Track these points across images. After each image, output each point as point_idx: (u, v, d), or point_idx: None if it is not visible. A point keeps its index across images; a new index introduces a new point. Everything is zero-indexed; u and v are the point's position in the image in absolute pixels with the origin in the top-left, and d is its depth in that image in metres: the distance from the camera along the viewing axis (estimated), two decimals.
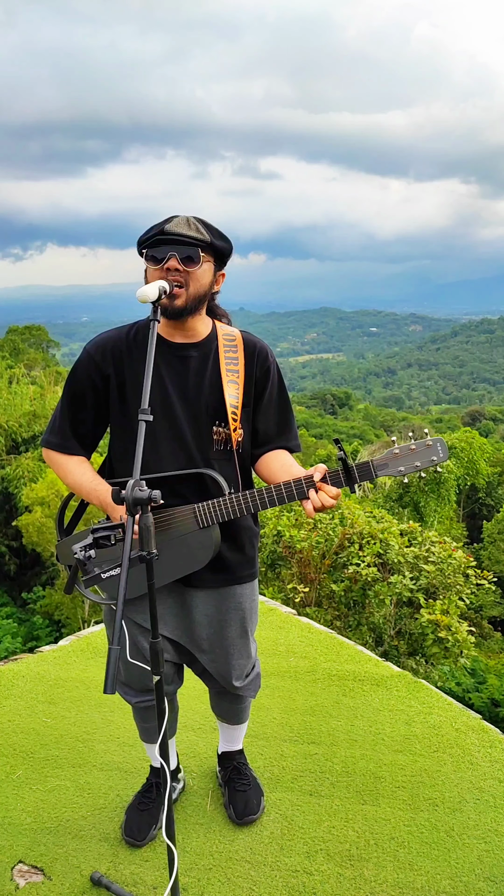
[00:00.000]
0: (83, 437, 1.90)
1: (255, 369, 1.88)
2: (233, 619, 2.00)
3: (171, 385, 1.82)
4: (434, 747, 2.69)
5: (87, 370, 1.83)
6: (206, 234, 1.72)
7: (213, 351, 1.85)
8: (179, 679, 2.15)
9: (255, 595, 2.08)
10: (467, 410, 70.02)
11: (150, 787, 2.29)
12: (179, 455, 1.83)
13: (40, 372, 34.69)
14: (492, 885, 2.06)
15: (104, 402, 1.85)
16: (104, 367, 1.82)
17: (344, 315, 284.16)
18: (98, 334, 1.88)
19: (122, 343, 1.82)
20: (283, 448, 1.97)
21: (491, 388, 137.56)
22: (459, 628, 5.09)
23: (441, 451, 1.66)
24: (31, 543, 18.64)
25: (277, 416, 1.95)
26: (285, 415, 1.97)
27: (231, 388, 1.82)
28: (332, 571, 5.85)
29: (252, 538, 2.01)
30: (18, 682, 3.15)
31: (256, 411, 1.91)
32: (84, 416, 1.87)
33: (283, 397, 1.96)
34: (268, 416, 1.93)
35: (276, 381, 1.94)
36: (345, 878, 2.07)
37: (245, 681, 2.12)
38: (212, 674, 2.07)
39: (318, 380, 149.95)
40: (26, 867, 2.11)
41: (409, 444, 1.68)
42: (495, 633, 19.32)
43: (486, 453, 28.73)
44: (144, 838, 2.18)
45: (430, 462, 1.66)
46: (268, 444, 1.95)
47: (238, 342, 1.87)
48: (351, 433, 52.18)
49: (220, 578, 1.96)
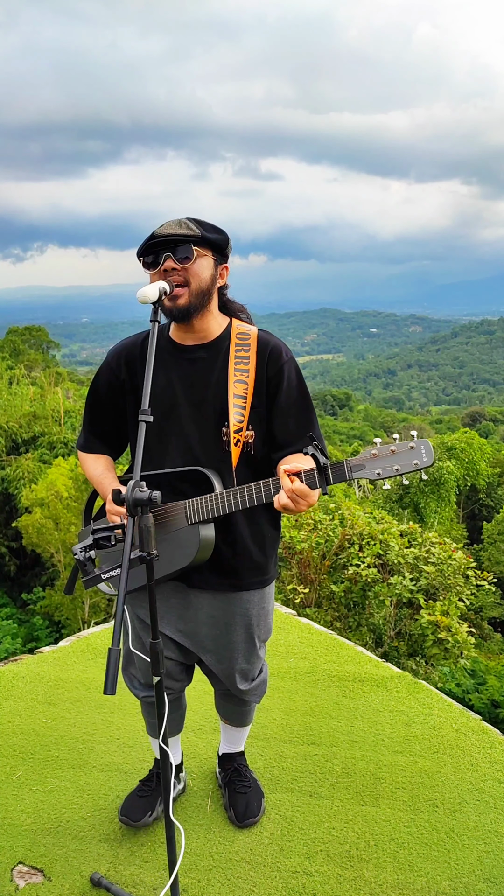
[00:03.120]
0: (105, 439, 2.01)
1: (267, 369, 1.83)
2: (238, 624, 1.98)
3: (180, 387, 1.83)
4: (434, 748, 2.69)
5: (107, 376, 1.93)
6: (196, 230, 1.73)
7: (224, 351, 1.84)
8: (188, 677, 2.14)
9: (265, 602, 2.02)
10: (467, 411, 70.03)
11: (152, 776, 2.32)
12: (187, 456, 1.84)
13: (40, 373, 34.71)
14: (492, 886, 2.06)
15: (122, 407, 1.94)
16: (119, 374, 1.90)
17: (344, 316, 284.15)
18: (119, 341, 1.96)
19: (136, 349, 1.89)
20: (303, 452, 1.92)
21: (491, 388, 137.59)
22: (459, 629, 5.09)
23: (425, 455, 1.49)
24: (30, 544, 18.62)
25: (296, 418, 1.85)
26: (306, 417, 1.87)
27: (238, 388, 1.80)
28: (332, 572, 5.85)
29: (263, 543, 1.95)
30: (18, 682, 3.15)
31: (272, 413, 1.85)
32: (104, 420, 1.99)
33: (303, 398, 1.87)
34: (285, 418, 1.84)
35: (295, 381, 1.86)
36: (345, 880, 2.07)
37: (250, 685, 2.11)
38: (216, 674, 2.07)
39: (318, 381, 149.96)
40: (26, 868, 2.11)
41: (389, 445, 1.52)
42: (495, 634, 19.31)
43: (486, 454, 28.74)
44: (139, 820, 2.20)
45: (413, 467, 1.49)
46: (288, 448, 1.85)
47: (252, 341, 1.84)
48: (351, 434, 52.20)
49: (224, 582, 1.93)
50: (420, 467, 1.49)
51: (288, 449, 1.87)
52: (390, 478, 1.52)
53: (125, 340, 1.94)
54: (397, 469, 1.51)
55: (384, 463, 1.52)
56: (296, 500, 1.57)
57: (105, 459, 2.01)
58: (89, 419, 2.01)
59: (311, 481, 1.57)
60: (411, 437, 1.52)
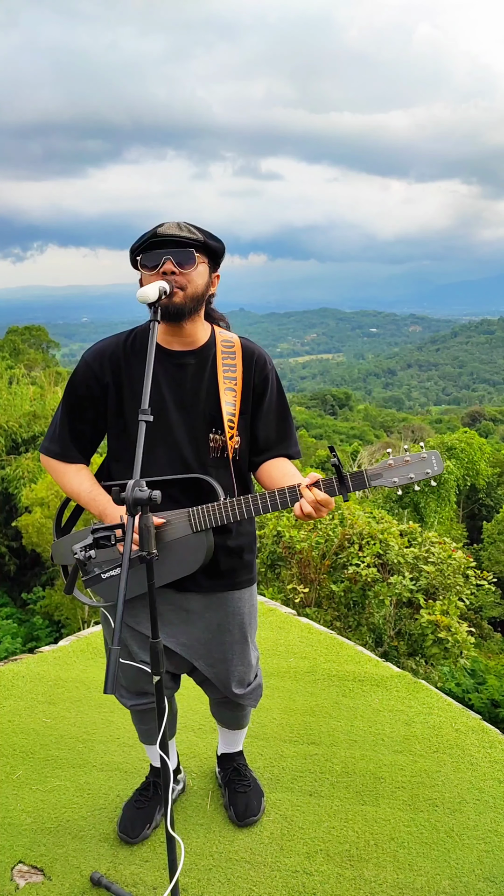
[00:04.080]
0: (83, 445, 1.92)
1: (254, 377, 1.87)
2: (231, 624, 1.99)
3: (168, 393, 1.82)
4: (434, 748, 2.69)
5: (86, 380, 1.84)
6: (198, 235, 1.72)
7: (211, 358, 1.84)
8: (175, 684, 2.14)
9: (253, 600, 2.07)
10: (467, 411, 70.03)
11: (149, 785, 2.30)
12: (175, 463, 1.83)
13: (40, 372, 34.71)
14: (491, 885, 2.06)
15: (103, 411, 1.86)
16: (102, 377, 1.83)
17: (344, 316, 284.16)
18: (95, 343, 1.89)
19: (120, 350, 1.83)
20: (283, 455, 1.96)
21: (491, 388, 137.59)
22: (459, 629, 5.09)
23: (436, 464, 1.66)
24: (30, 544, 18.63)
25: (277, 424, 1.94)
26: (285, 422, 1.96)
27: (228, 395, 1.82)
28: (332, 572, 5.85)
29: (250, 543, 2.00)
30: (18, 682, 3.15)
31: (255, 419, 1.90)
32: (83, 425, 1.89)
33: (283, 404, 1.96)
34: (267, 424, 1.92)
35: (275, 388, 1.93)
36: (344, 879, 2.07)
37: (246, 689, 2.10)
38: (212, 681, 2.06)
39: (318, 380, 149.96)
40: (26, 867, 2.11)
41: (403, 456, 1.69)
42: (495, 633, 19.32)
43: (486, 454, 28.75)
44: (138, 836, 2.19)
45: (425, 475, 1.66)
46: (268, 452, 1.94)
47: (237, 349, 1.86)
48: (351, 434, 52.20)
49: (217, 584, 1.95)
50: (431, 475, 1.66)
51: (269, 453, 1.93)
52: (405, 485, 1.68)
53: (104, 341, 1.88)
54: (412, 477, 1.67)
55: (399, 472, 1.68)
56: (318, 508, 1.68)
57: (86, 472, 1.92)
58: (68, 425, 1.89)
59: (330, 489, 1.68)
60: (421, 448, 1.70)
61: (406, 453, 1.69)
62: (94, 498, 1.85)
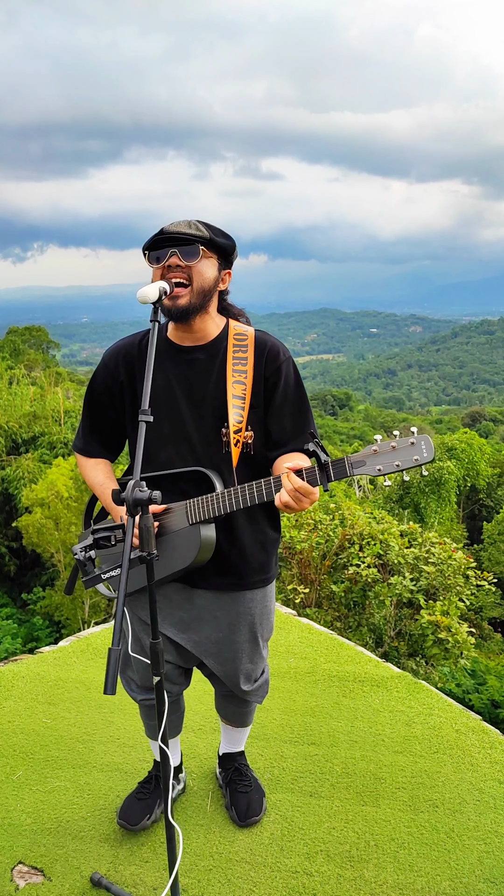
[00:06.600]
0: (104, 440, 1.99)
1: (265, 369, 1.84)
2: (242, 623, 1.99)
3: (179, 387, 1.84)
4: (434, 748, 2.69)
5: (104, 378, 1.92)
6: (205, 232, 1.74)
7: (221, 352, 1.84)
8: (186, 681, 2.15)
9: (267, 601, 2.04)
10: (467, 411, 70.02)
11: (150, 779, 2.31)
12: (187, 457, 1.84)
13: (40, 373, 34.72)
14: (492, 886, 2.06)
15: (121, 408, 1.93)
16: (118, 375, 1.89)
17: (344, 316, 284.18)
18: (114, 342, 1.95)
19: (134, 349, 1.88)
20: (300, 451, 1.86)
21: (491, 389, 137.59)
22: (460, 629, 5.09)
23: (425, 451, 1.50)
24: (31, 544, 18.63)
25: (293, 417, 1.87)
26: (302, 416, 1.88)
27: (236, 388, 1.81)
28: (333, 572, 5.85)
29: (264, 542, 1.97)
30: (18, 682, 3.15)
31: (269, 412, 1.85)
32: (102, 421, 1.97)
33: (300, 397, 1.89)
34: (282, 417, 1.86)
35: (292, 380, 1.87)
36: (345, 880, 2.07)
37: (253, 685, 2.11)
38: (219, 677, 2.07)
39: (319, 380, 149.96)
40: (26, 868, 2.11)
41: (390, 441, 1.54)
42: (495, 634, 19.32)
43: (486, 454, 28.76)
44: (137, 824, 2.20)
45: (413, 462, 1.50)
46: (284, 446, 1.86)
47: (249, 341, 1.85)
48: (351, 434, 52.19)
49: (227, 582, 1.94)
50: (420, 462, 1.50)
51: (285, 448, 1.87)
52: (391, 473, 1.52)
53: (121, 341, 1.93)
54: (398, 465, 1.51)
55: (385, 459, 1.53)
56: (298, 498, 1.57)
57: (104, 465, 1.99)
58: (88, 422, 1.99)
59: (311, 478, 1.58)
60: (411, 433, 1.52)
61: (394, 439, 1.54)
62: (103, 492, 1.93)
